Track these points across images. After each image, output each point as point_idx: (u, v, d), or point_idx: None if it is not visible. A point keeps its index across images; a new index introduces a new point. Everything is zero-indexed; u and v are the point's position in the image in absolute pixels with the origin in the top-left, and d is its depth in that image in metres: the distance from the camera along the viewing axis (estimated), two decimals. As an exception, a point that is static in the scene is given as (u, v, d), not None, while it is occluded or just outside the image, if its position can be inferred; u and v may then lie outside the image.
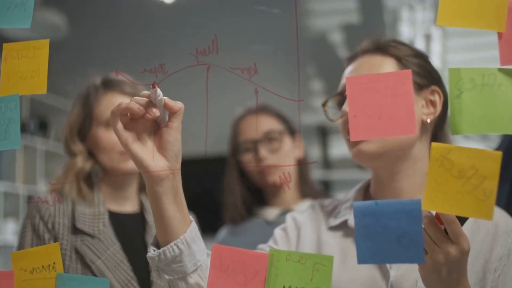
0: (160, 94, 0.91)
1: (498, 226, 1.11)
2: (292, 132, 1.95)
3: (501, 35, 0.82)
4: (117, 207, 1.54)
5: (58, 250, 0.96)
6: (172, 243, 0.95)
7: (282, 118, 1.95)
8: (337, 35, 4.70)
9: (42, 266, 0.96)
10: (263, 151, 1.87)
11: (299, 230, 1.25)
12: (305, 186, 1.93)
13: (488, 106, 0.81)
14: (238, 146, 1.92)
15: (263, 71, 0.88)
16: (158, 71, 0.91)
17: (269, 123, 1.91)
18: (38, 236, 1.42)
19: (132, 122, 0.94)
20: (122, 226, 1.50)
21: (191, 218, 1.00)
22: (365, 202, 0.81)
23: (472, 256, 0.96)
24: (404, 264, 0.96)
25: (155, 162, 0.93)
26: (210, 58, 0.89)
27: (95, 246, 1.42)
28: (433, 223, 0.87)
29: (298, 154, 1.95)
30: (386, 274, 1.12)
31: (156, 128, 0.96)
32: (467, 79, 0.81)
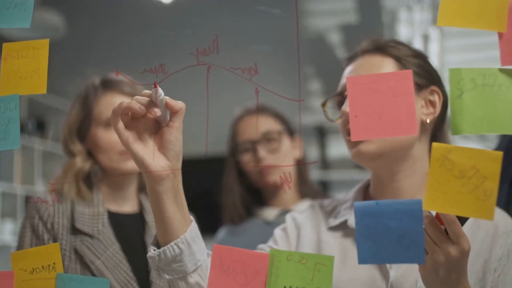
0: (161, 93, 0.91)
1: (498, 227, 1.11)
2: (291, 132, 1.95)
3: (501, 35, 0.82)
4: (116, 207, 1.53)
5: (58, 250, 0.96)
6: (172, 243, 0.95)
7: (281, 119, 1.95)
8: (335, 36, 4.71)
9: (42, 266, 0.96)
10: (262, 152, 1.86)
11: (299, 230, 1.25)
12: (304, 186, 1.93)
13: (488, 106, 0.81)
14: (237, 147, 1.92)
15: (263, 71, 0.88)
16: (158, 71, 0.91)
17: (267, 124, 1.91)
18: (37, 236, 1.42)
19: (133, 121, 0.94)
20: (122, 226, 1.50)
21: (191, 218, 1.00)
22: (366, 202, 0.81)
23: (472, 256, 0.96)
24: (404, 264, 0.96)
25: (156, 162, 0.93)
26: (211, 58, 0.89)
27: (95, 246, 1.42)
28: (433, 223, 0.87)
29: (297, 154, 1.95)
30: (386, 274, 1.12)
31: (157, 127, 0.96)
32: (468, 79, 0.81)
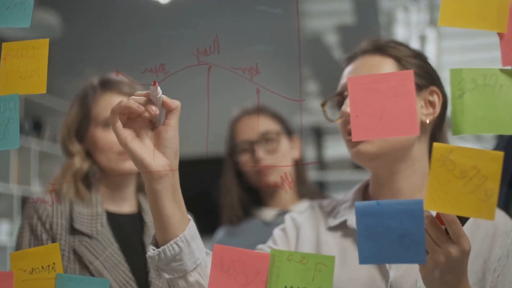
0: (160, 92, 0.91)
1: (498, 227, 1.12)
2: (289, 132, 1.95)
3: (502, 36, 0.83)
4: (115, 208, 1.53)
5: (57, 250, 0.96)
6: (171, 242, 0.95)
7: (279, 119, 1.95)
8: (332, 37, 4.71)
9: (42, 267, 0.95)
10: (260, 152, 1.86)
11: (298, 231, 1.25)
12: (302, 186, 1.93)
13: (489, 106, 0.81)
14: (235, 147, 1.92)
15: (263, 71, 0.88)
16: (158, 71, 0.91)
17: (266, 124, 1.91)
18: (36, 236, 1.41)
19: (129, 121, 0.94)
20: (120, 226, 1.50)
21: (189, 216, 0.99)
22: (366, 202, 0.81)
23: (471, 256, 0.96)
24: (403, 264, 0.96)
25: (156, 161, 0.93)
26: (211, 58, 0.89)
27: (93, 247, 1.42)
28: (434, 223, 0.87)
29: (296, 154, 1.95)
30: (385, 274, 1.12)
31: (152, 127, 0.96)
32: (469, 80, 0.81)
